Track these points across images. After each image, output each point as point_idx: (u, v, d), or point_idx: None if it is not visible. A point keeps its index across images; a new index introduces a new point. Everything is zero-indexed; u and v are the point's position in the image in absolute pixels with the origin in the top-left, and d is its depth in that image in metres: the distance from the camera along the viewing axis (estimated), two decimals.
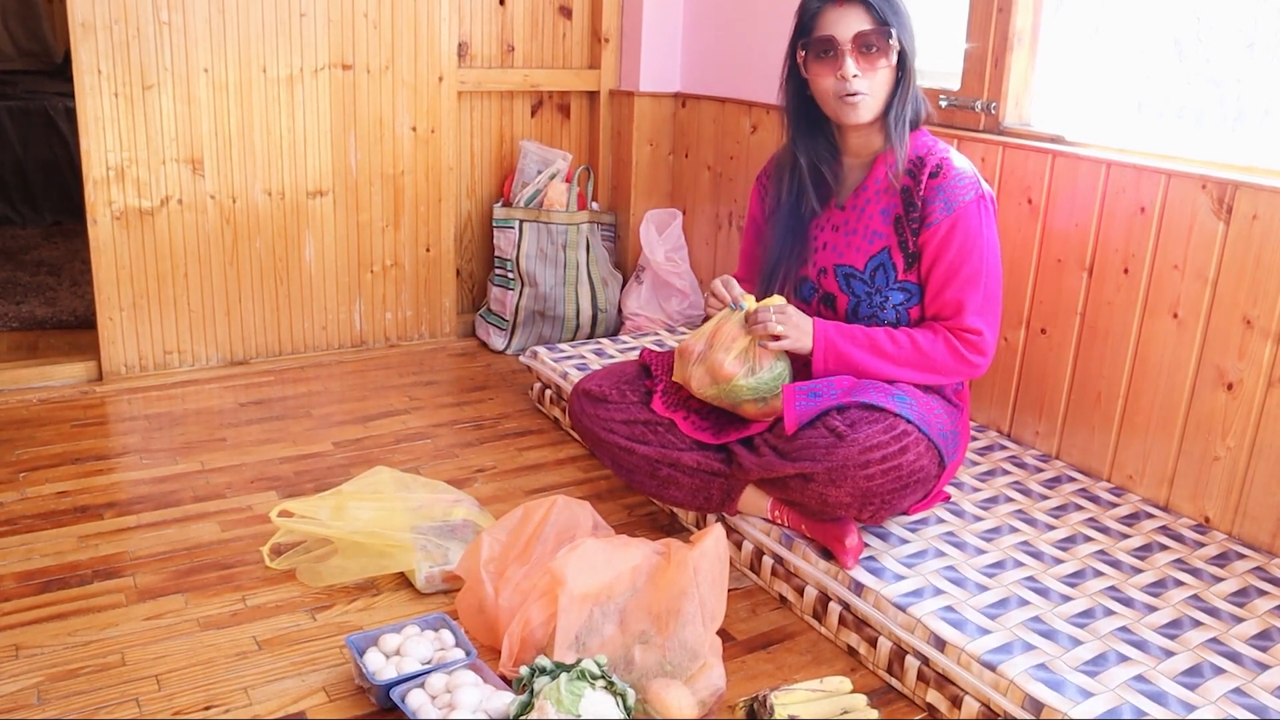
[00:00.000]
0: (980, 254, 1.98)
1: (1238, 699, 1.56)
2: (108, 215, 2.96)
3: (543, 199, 3.46)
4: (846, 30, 1.94)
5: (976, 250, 1.97)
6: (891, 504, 1.89)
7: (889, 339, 2.00)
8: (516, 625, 1.75)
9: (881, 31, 1.92)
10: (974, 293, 1.98)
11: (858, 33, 1.93)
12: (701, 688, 1.69)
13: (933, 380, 2.01)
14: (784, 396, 1.95)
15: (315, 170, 3.22)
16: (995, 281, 2.00)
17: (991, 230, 2.00)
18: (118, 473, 2.50)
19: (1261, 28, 2.16)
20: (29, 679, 1.73)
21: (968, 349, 1.98)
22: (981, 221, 1.98)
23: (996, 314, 2.02)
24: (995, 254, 2.01)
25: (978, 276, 1.98)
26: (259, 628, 1.90)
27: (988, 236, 1.99)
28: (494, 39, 3.53)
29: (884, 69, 1.95)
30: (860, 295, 2.06)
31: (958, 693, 1.66)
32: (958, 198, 1.97)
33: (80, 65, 2.83)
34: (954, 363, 1.99)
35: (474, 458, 2.67)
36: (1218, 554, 2.01)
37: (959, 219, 1.97)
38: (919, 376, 2.00)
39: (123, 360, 3.08)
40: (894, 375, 1.99)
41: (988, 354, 2.00)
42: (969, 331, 1.99)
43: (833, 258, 2.10)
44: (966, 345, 1.98)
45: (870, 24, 1.93)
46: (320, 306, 3.34)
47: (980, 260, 1.98)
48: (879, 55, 1.94)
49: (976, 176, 2.01)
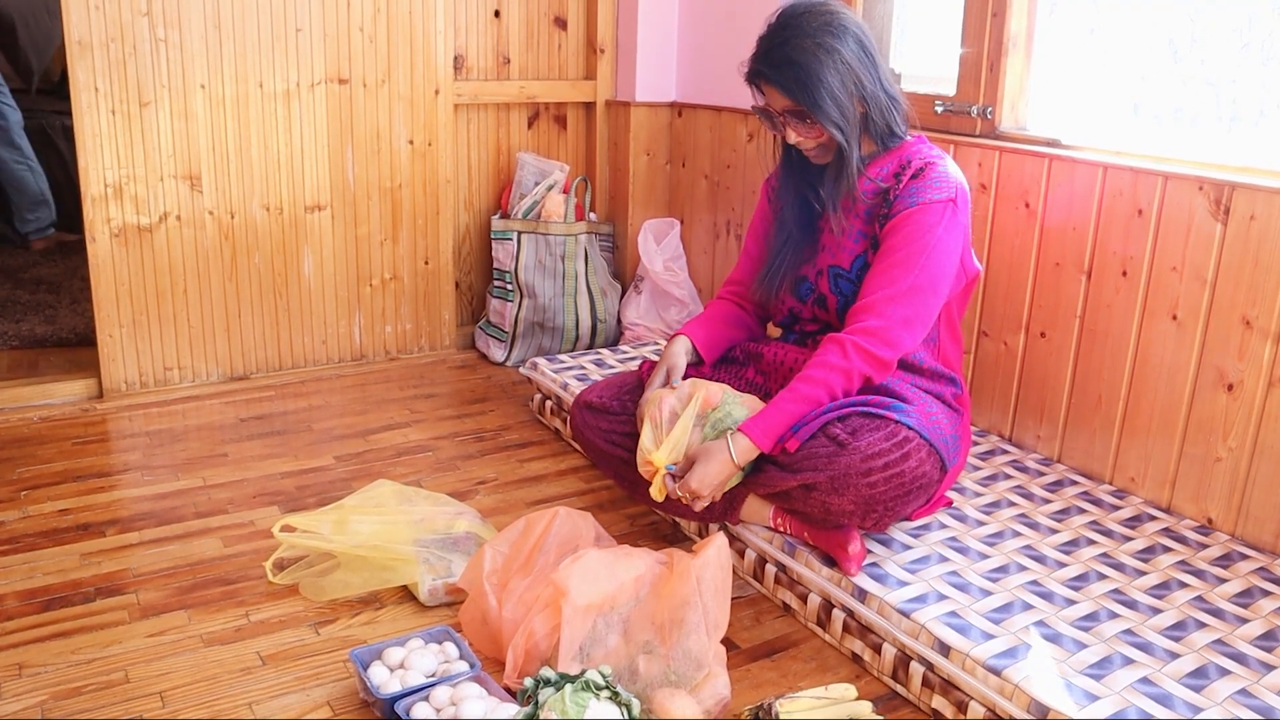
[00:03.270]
0: (921, 247, 1.95)
1: (1244, 700, 1.55)
2: (106, 232, 2.96)
3: (540, 210, 3.46)
4: (775, 104, 1.99)
5: (919, 242, 1.95)
6: (894, 510, 1.89)
7: (807, 384, 1.93)
8: (520, 637, 1.74)
9: (798, 111, 1.95)
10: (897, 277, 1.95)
11: (781, 109, 1.97)
12: (706, 697, 1.68)
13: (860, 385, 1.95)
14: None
15: (313, 185, 3.23)
16: (927, 276, 1.94)
17: (950, 234, 1.97)
18: (119, 490, 2.50)
19: (1256, 28, 2.16)
20: (33, 698, 1.72)
21: (874, 345, 1.92)
22: (940, 222, 1.96)
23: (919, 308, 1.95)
24: (940, 255, 1.96)
25: (907, 267, 1.94)
26: (262, 643, 1.89)
27: (940, 236, 1.95)
28: (489, 51, 3.53)
29: (823, 133, 1.97)
30: (847, 294, 2.07)
31: (963, 698, 1.65)
32: (926, 195, 1.97)
33: (77, 83, 2.83)
34: (868, 363, 1.92)
35: (475, 470, 2.67)
36: (1221, 555, 2.01)
37: (917, 213, 1.96)
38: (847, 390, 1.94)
39: (123, 377, 3.08)
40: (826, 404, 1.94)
41: (899, 346, 1.94)
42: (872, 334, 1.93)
43: (828, 259, 2.11)
44: (872, 342, 1.92)
45: (788, 102, 1.95)
46: (320, 321, 3.34)
47: (919, 253, 1.95)
48: (811, 125, 1.96)
49: (959, 184, 2.00)
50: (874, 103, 1.98)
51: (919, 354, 2.07)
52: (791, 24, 1.94)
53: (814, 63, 1.91)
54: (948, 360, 2.12)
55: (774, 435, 1.91)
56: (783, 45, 1.93)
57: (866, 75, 1.96)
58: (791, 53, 1.91)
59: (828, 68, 1.91)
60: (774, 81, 1.94)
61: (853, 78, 1.93)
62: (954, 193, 1.98)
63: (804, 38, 1.92)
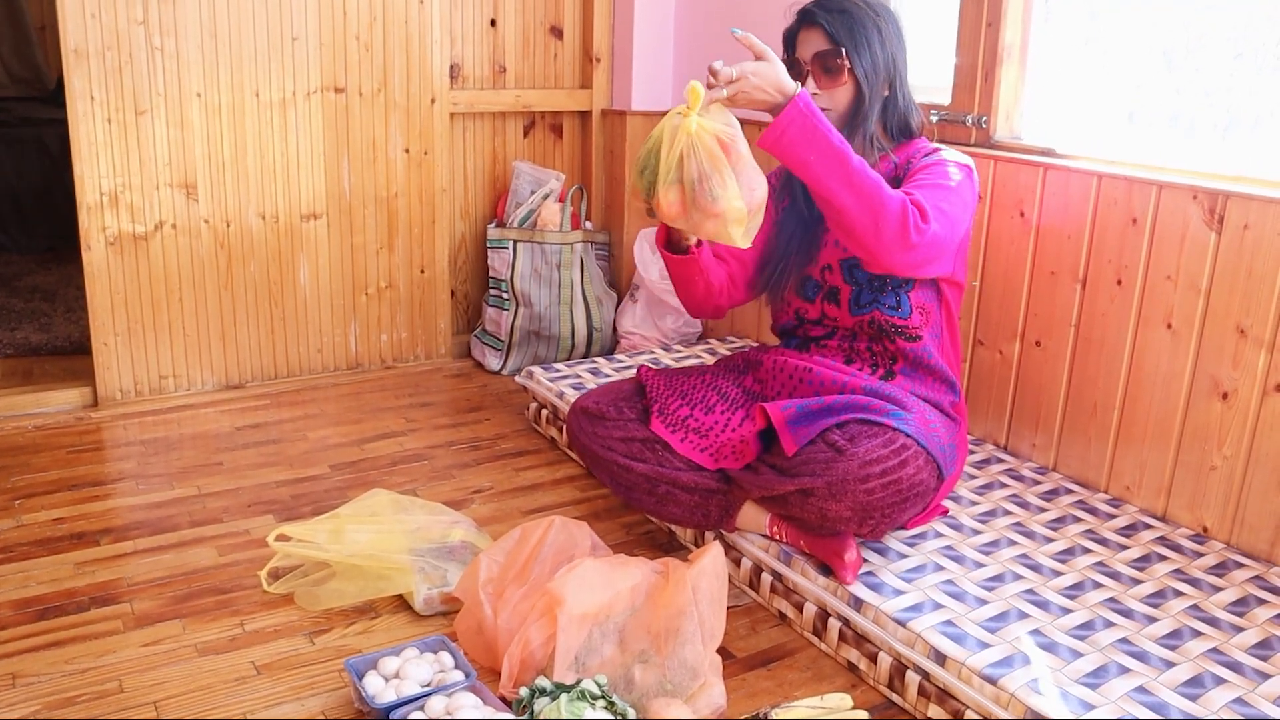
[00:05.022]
0: (946, 185, 1.95)
1: (1239, 709, 1.55)
2: (102, 241, 2.96)
3: (536, 219, 3.46)
4: (807, 51, 2.04)
5: (944, 181, 1.96)
6: (891, 517, 1.89)
7: (860, 160, 1.84)
8: (516, 646, 1.74)
9: (834, 52, 2.00)
10: (929, 194, 1.91)
11: (815, 53, 2.02)
12: (702, 706, 1.68)
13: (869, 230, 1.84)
14: (774, 420, 1.95)
15: (309, 193, 3.23)
16: (953, 209, 1.92)
17: (967, 187, 1.99)
18: (114, 498, 2.49)
19: (1250, 37, 2.17)
20: (27, 708, 1.72)
21: (913, 217, 1.84)
22: (961, 173, 2.00)
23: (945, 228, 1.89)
24: (961, 199, 1.95)
25: (935, 190, 1.94)
26: (257, 652, 1.89)
27: (960, 184, 1.98)
28: (485, 60, 3.54)
29: (844, 86, 2.02)
30: (862, 282, 2.08)
31: (959, 707, 1.65)
32: (940, 154, 2.04)
33: (73, 91, 2.84)
34: (897, 220, 1.83)
35: (471, 479, 2.67)
36: (1216, 563, 2.01)
37: (936, 164, 2.02)
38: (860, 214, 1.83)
39: (118, 386, 3.07)
40: (840, 189, 1.83)
41: (926, 236, 1.85)
42: (919, 206, 1.87)
43: (838, 253, 2.12)
44: (914, 215, 1.85)
45: (826, 44, 2.01)
46: (315, 329, 3.34)
47: (944, 187, 1.95)
48: (837, 74, 2.01)
49: (970, 162, 2.06)
50: (900, 88, 2.07)
51: (928, 347, 2.08)
52: None
53: (864, 17, 2.01)
54: (950, 361, 2.13)
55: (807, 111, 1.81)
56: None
57: (901, 60, 2.06)
58: (845, 4, 2.02)
59: (874, 25, 2.02)
60: (821, 20, 2.00)
61: (891, 50, 2.03)
62: (970, 163, 2.05)
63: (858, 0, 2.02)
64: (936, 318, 2.10)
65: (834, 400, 1.96)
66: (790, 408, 1.96)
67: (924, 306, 2.07)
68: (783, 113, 1.81)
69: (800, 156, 1.83)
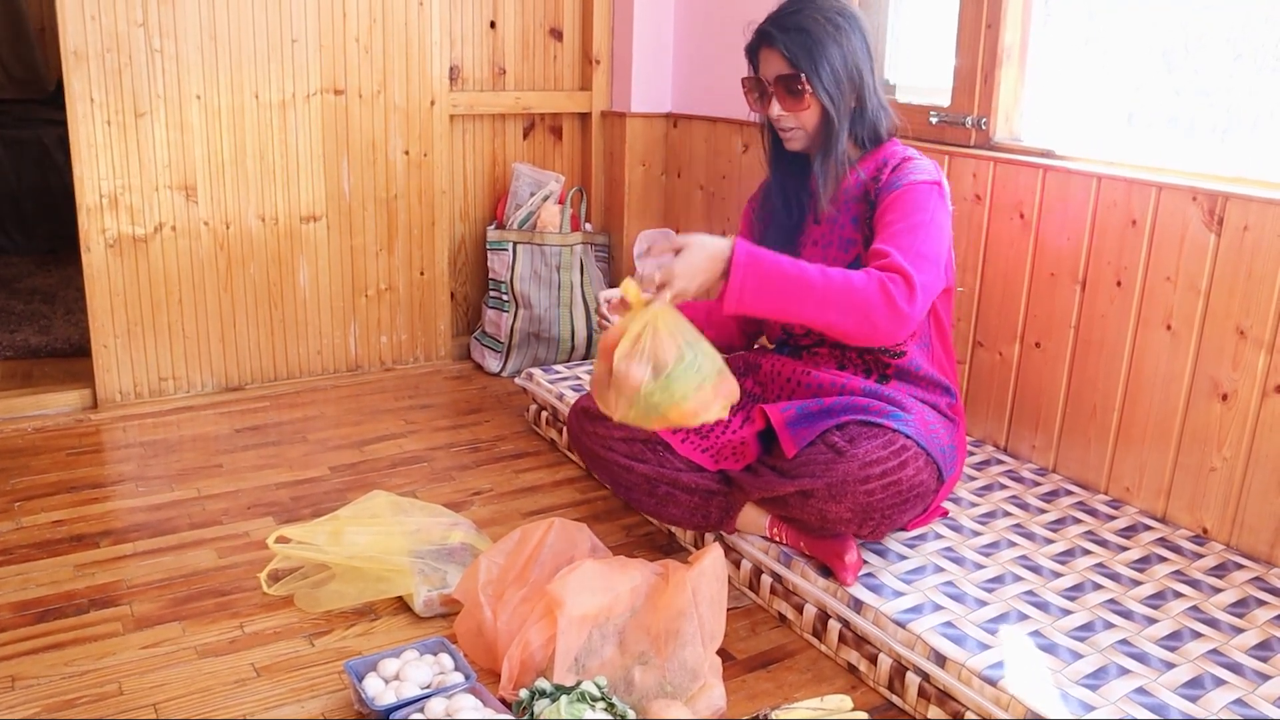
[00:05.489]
0: (921, 218, 1.91)
1: (1239, 710, 1.55)
2: (101, 243, 2.96)
3: (536, 221, 3.46)
4: (769, 72, 2.00)
5: (918, 214, 1.92)
6: (891, 519, 1.89)
7: (819, 270, 1.82)
8: (515, 648, 1.74)
9: (795, 76, 1.96)
10: (906, 244, 1.88)
11: (776, 76, 1.99)
12: (702, 708, 1.68)
13: (860, 327, 1.83)
14: (774, 422, 1.95)
15: (308, 195, 3.23)
16: (932, 249, 1.89)
17: (940, 212, 1.95)
18: (113, 501, 2.49)
19: (1249, 38, 2.17)
20: (26, 710, 1.71)
21: (897, 291, 1.81)
22: (929, 198, 1.95)
23: (929, 276, 1.87)
24: (939, 231, 1.93)
25: (912, 234, 1.89)
26: (257, 654, 1.89)
27: (933, 212, 1.93)
28: (485, 62, 3.54)
29: (810, 108, 1.99)
30: None
31: (959, 708, 1.65)
32: (909, 178, 1.97)
33: (73, 93, 2.83)
34: (883, 305, 1.81)
35: (471, 480, 2.67)
36: (1216, 565, 2.01)
37: (906, 191, 1.96)
38: (846, 319, 1.82)
39: (118, 388, 3.07)
40: (818, 313, 1.82)
41: (916, 302, 1.82)
42: (896, 271, 1.83)
43: None
44: (897, 287, 1.81)
45: (786, 68, 1.97)
46: (315, 331, 3.34)
47: (920, 224, 1.91)
48: (800, 96, 1.98)
49: (938, 173, 2.01)
50: (868, 99, 2.02)
51: (915, 360, 2.06)
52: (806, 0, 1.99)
53: (822, 34, 1.95)
54: (942, 368, 2.12)
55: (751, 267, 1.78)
56: (795, 14, 1.97)
57: (866, 69, 2.00)
58: (803, 21, 1.96)
59: (834, 42, 1.95)
60: (779, 43, 1.96)
61: (854, 62, 1.98)
62: (937, 177, 2.00)
63: (816, 12, 1.96)
64: (923, 329, 2.07)
65: (833, 402, 1.96)
66: (790, 409, 1.96)
67: None
68: (730, 276, 1.80)
69: (767, 304, 1.82)
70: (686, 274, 1.77)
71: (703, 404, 1.69)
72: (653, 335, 1.68)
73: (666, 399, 1.68)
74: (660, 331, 1.68)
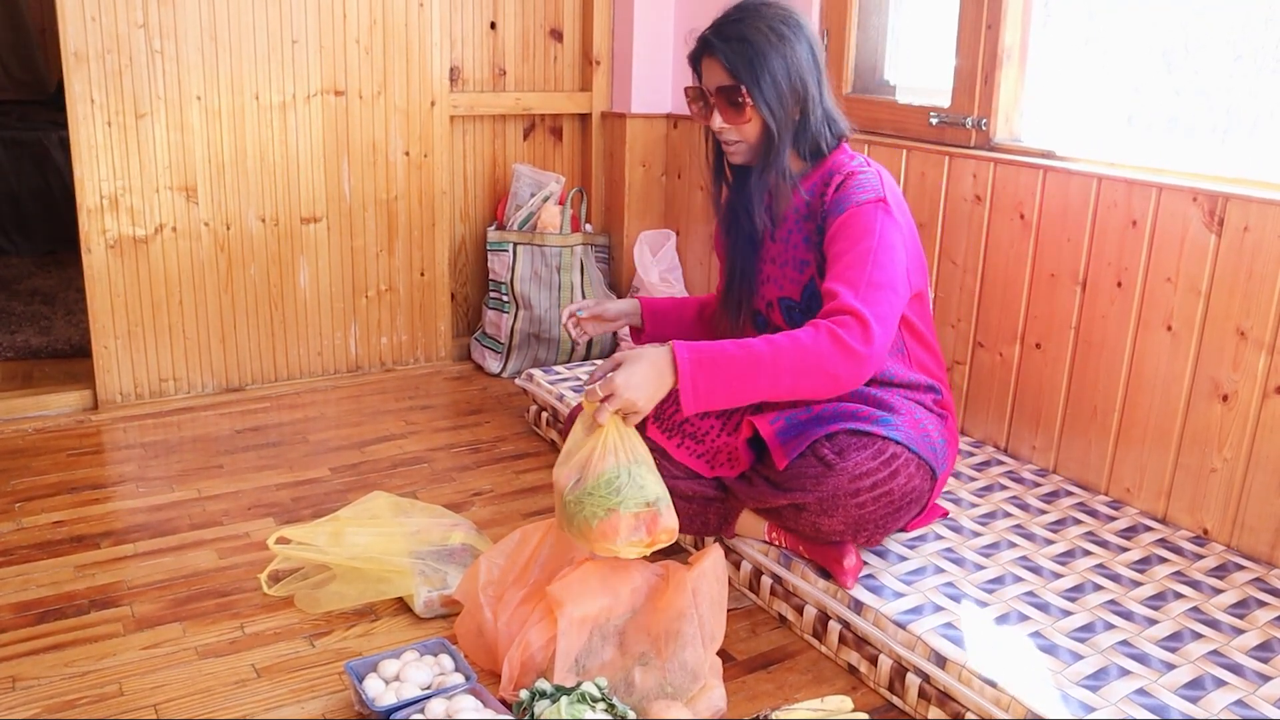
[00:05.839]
0: (868, 243, 1.85)
1: (1240, 711, 1.55)
2: (102, 244, 2.96)
3: (536, 222, 3.46)
4: (711, 82, 1.94)
5: (865, 239, 1.86)
6: (886, 527, 1.89)
7: (764, 342, 1.78)
8: (516, 649, 1.74)
9: (735, 88, 1.90)
10: (856, 276, 1.83)
11: (717, 87, 1.93)
12: (702, 709, 1.68)
13: (822, 383, 1.80)
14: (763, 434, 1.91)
15: (309, 196, 3.23)
16: (884, 273, 1.84)
17: (889, 231, 1.88)
18: (114, 501, 2.49)
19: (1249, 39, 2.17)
20: (27, 711, 1.72)
21: (850, 335, 1.77)
22: (875, 219, 1.87)
23: (884, 306, 1.82)
24: (889, 252, 1.86)
25: (861, 264, 1.84)
26: (257, 655, 1.89)
27: (880, 234, 1.86)
28: (485, 63, 3.54)
29: (752, 120, 1.93)
30: (799, 323, 1.99)
31: (960, 709, 1.65)
32: (852, 199, 1.91)
33: (73, 95, 2.84)
34: (839, 354, 1.76)
35: (471, 481, 2.67)
36: (1217, 566, 2.01)
37: (850, 215, 1.89)
38: (805, 380, 1.79)
39: (118, 388, 3.07)
40: (777, 385, 1.78)
41: (875, 340, 1.78)
42: (847, 313, 1.79)
43: (775, 291, 2.08)
44: (849, 331, 1.77)
45: (726, 79, 1.91)
46: (315, 332, 3.34)
47: (867, 250, 1.85)
48: (741, 109, 1.92)
49: (880, 184, 1.93)
50: (812, 111, 1.95)
51: (890, 370, 2.01)
52: (750, 8, 1.93)
53: (764, 44, 1.88)
54: (924, 368, 2.07)
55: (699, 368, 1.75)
56: (738, 23, 1.91)
57: (811, 79, 1.93)
58: (744, 30, 1.89)
59: (776, 53, 1.89)
60: (719, 53, 1.90)
61: (798, 73, 1.91)
62: (881, 193, 1.91)
63: (760, 21, 1.90)
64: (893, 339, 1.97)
65: (822, 409, 1.92)
66: (779, 420, 1.92)
67: None
68: (680, 381, 1.75)
69: (724, 395, 1.78)
70: (628, 386, 1.71)
71: (613, 529, 1.67)
72: (592, 447, 1.71)
73: (578, 511, 1.70)
74: (606, 444, 1.71)
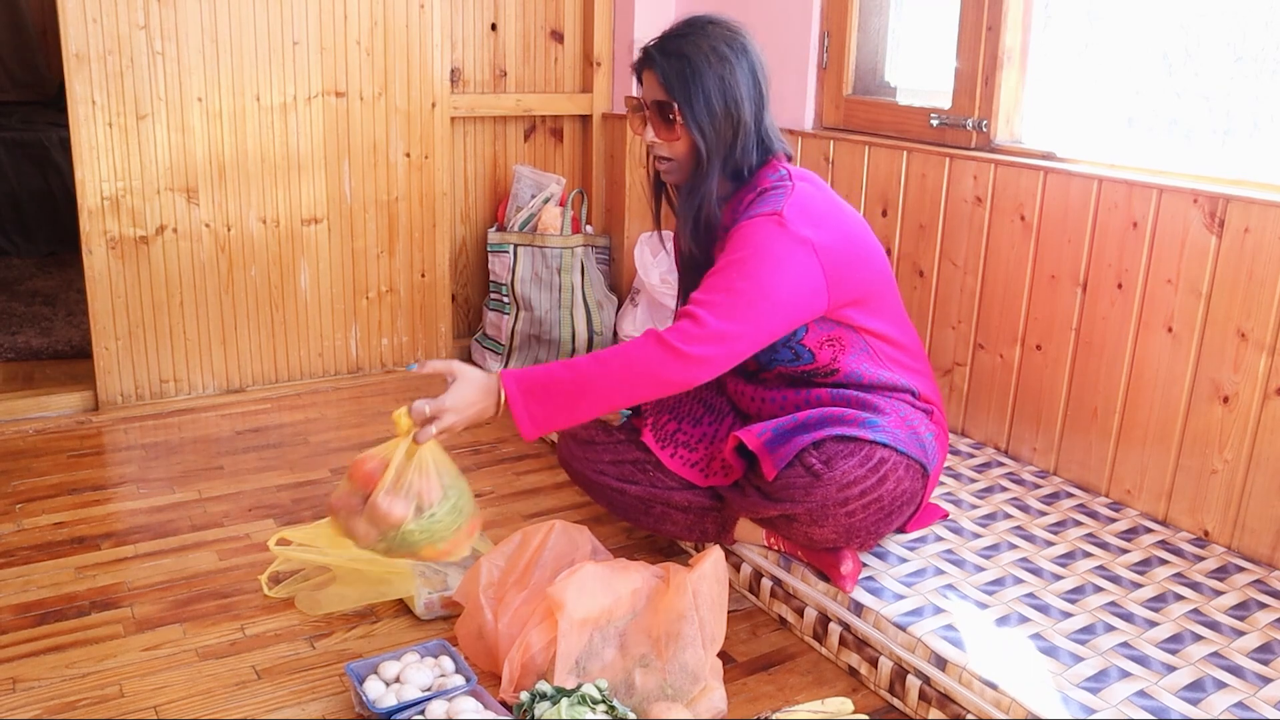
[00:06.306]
0: (743, 254, 1.82)
1: (1240, 713, 1.55)
2: (103, 245, 2.96)
3: (537, 223, 3.46)
4: (648, 95, 1.92)
5: (741, 250, 1.82)
6: (878, 533, 1.90)
7: (591, 360, 1.79)
8: (516, 651, 1.74)
9: (668, 105, 1.87)
10: (714, 284, 1.81)
11: (652, 101, 1.90)
12: (703, 710, 1.68)
13: (654, 389, 1.79)
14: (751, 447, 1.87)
15: (310, 198, 3.23)
16: (750, 282, 1.80)
17: (773, 242, 1.82)
18: (115, 503, 2.49)
19: (1249, 41, 2.17)
20: (27, 712, 1.72)
21: (676, 337, 1.76)
22: (758, 232, 1.83)
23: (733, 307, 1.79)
24: (765, 263, 1.81)
25: (725, 273, 1.81)
26: (258, 657, 1.89)
27: (760, 246, 1.82)
28: (486, 64, 3.54)
29: (682, 138, 1.90)
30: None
31: (960, 711, 1.65)
32: (748, 213, 1.88)
33: (74, 96, 2.84)
34: (663, 357, 1.76)
35: (472, 483, 2.64)
36: (1217, 567, 2.01)
37: (738, 229, 1.86)
38: (638, 389, 1.79)
39: (119, 390, 3.07)
40: (611, 398, 1.78)
41: (707, 340, 1.76)
42: (684, 315, 1.78)
43: None
44: (676, 333, 1.76)
45: (661, 94, 1.88)
46: (316, 333, 3.34)
47: (737, 261, 1.82)
48: (672, 126, 1.89)
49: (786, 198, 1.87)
50: (745, 134, 1.90)
51: (854, 372, 1.96)
52: (695, 26, 1.90)
53: (702, 63, 1.85)
54: (900, 365, 2.00)
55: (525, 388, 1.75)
56: (680, 39, 1.89)
57: (749, 102, 1.89)
58: (686, 47, 1.87)
59: (713, 72, 1.85)
60: (657, 67, 1.88)
61: (734, 95, 1.87)
62: (779, 207, 1.85)
63: (702, 39, 1.87)
64: (853, 339, 1.95)
65: (807, 415, 1.89)
66: (766, 431, 1.88)
67: (832, 339, 1.94)
68: (512, 408, 1.75)
69: (559, 416, 1.78)
70: (457, 408, 1.73)
71: (457, 544, 1.76)
72: (419, 473, 1.71)
73: (426, 538, 1.72)
74: (428, 469, 1.72)
